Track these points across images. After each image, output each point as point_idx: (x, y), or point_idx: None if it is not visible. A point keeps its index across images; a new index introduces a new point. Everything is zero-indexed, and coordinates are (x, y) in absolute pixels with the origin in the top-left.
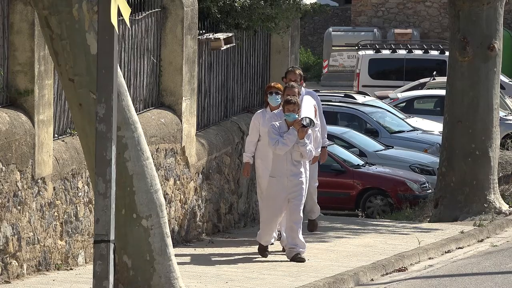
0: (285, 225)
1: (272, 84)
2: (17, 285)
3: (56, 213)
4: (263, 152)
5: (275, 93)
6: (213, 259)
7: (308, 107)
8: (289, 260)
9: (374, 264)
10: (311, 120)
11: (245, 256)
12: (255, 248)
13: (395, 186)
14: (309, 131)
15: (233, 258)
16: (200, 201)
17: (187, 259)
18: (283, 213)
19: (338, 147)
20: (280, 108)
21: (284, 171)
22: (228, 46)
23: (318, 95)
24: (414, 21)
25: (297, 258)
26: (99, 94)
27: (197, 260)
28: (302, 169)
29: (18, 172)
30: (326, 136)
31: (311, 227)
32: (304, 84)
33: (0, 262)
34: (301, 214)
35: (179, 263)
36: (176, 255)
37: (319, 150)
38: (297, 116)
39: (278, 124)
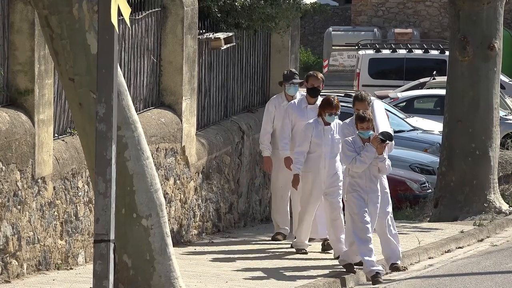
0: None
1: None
2: (17, 285)
3: (56, 213)
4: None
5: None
6: (213, 258)
7: (383, 118)
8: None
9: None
10: (389, 134)
11: (245, 255)
12: (256, 247)
13: (395, 185)
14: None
15: (233, 257)
16: (200, 200)
17: (187, 258)
18: (370, 228)
19: None
20: (351, 118)
21: (363, 187)
22: (228, 45)
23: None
24: (414, 21)
25: (395, 268)
26: (99, 94)
27: (197, 259)
28: (378, 184)
29: (18, 172)
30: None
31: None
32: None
33: (0, 261)
34: (392, 225)
35: (179, 263)
36: (176, 255)
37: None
38: (372, 133)
39: (351, 139)
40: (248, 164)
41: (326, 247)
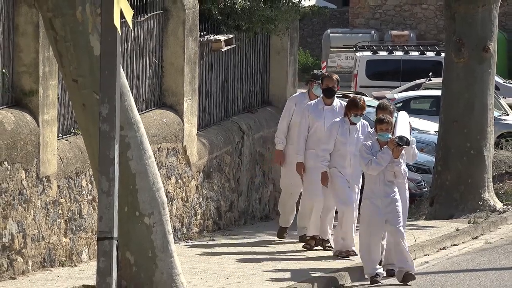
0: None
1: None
2: (23, 281)
3: (60, 211)
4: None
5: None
6: (213, 255)
7: (404, 124)
8: (399, 281)
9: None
10: (406, 139)
11: (245, 252)
12: (254, 245)
13: None
14: (404, 150)
15: (233, 254)
16: (201, 199)
17: (189, 255)
18: (381, 235)
19: None
20: (372, 129)
21: (377, 192)
22: (229, 47)
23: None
24: (410, 23)
25: (407, 276)
26: (102, 95)
27: (198, 256)
28: (395, 189)
29: (23, 171)
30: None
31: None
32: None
33: (6, 258)
34: (403, 232)
35: (180, 260)
36: (177, 252)
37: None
38: (390, 136)
39: (370, 143)
40: (248, 164)
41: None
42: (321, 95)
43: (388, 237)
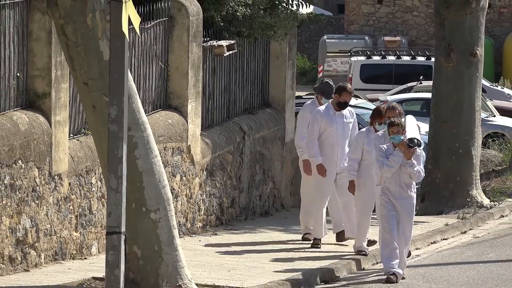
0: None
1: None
2: (36, 273)
3: (71, 207)
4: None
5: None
6: (216, 249)
7: (413, 126)
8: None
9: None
10: (417, 140)
11: (246, 246)
12: (256, 238)
13: None
14: (418, 151)
15: (235, 248)
16: (204, 195)
17: (193, 249)
18: (396, 233)
19: None
20: (384, 130)
21: (393, 193)
22: (231, 52)
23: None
24: (402, 30)
25: (389, 278)
26: (111, 97)
27: (201, 250)
28: (411, 192)
29: (36, 169)
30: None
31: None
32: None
33: (20, 252)
34: (409, 239)
35: (185, 253)
36: (182, 246)
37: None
38: (402, 138)
39: (386, 147)
40: (248, 162)
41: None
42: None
43: None
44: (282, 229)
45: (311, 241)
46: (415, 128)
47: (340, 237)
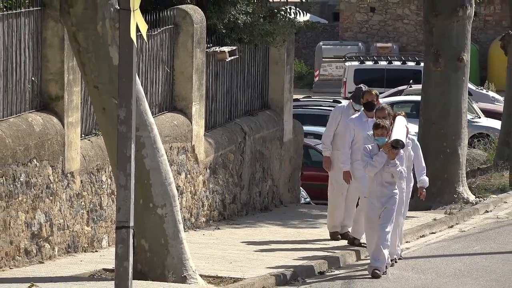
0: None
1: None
2: (50, 265)
3: (83, 203)
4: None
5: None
6: (219, 242)
7: (400, 128)
8: (369, 275)
9: (359, 247)
10: (402, 142)
11: (247, 240)
12: (256, 232)
13: None
14: (401, 152)
15: (236, 241)
16: (207, 192)
17: (197, 242)
18: (377, 231)
19: None
20: (370, 132)
21: (374, 192)
22: (232, 58)
23: (310, 101)
24: (393, 36)
25: (373, 272)
26: (120, 100)
27: (205, 243)
28: (394, 190)
29: (50, 167)
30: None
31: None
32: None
33: (35, 245)
34: (387, 234)
35: (189, 246)
36: (187, 239)
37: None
38: (386, 140)
39: (371, 147)
40: (249, 161)
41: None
42: (362, 108)
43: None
44: (280, 224)
45: (338, 239)
46: (403, 130)
47: (345, 237)
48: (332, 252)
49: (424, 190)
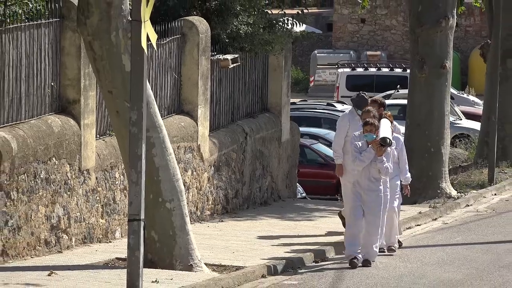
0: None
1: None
2: (67, 255)
3: (98, 197)
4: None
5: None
6: (222, 234)
7: (386, 127)
8: (360, 263)
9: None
10: (389, 139)
11: (248, 231)
12: (257, 224)
13: None
14: (388, 149)
15: (238, 233)
16: (212, 188)
17: (202, 234)
18: (361, 226)
19: (322, 145)
20: (360, 131)
21: (362, 185)
22: (235, 65)
23: (306, 104)
24: (382, 45)
25: (364, 262)
26: (132, 103)
27: (209, 234)
28: (380, 186)
29: (68, 165)
30: (407, 172)
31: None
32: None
33: (54, 236)
34: (377, 228)
35: (195, 237)
36: (193, 231)
37: (409, 176)
38: (375, 136)
39: (360, 144)
40: (250, 159)
41: None
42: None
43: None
44: (279, 217)
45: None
46: (389, 129)
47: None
48: (325, 243)
49: (409, 187)
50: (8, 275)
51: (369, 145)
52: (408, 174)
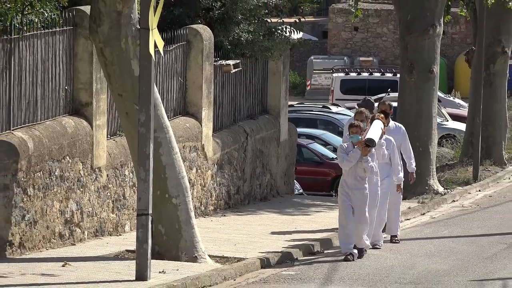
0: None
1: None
2: (80, 247)
3: (109, 194)
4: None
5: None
6: (225, 227)
7: (376, 129)
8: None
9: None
10: (374, 141)
11: (249, 225)
12: (257, 218)
13: None
14: (373, 150)
15: (240, 227)
16: (215, 184)
17: (206, 227)
18: (351, 220)
19: (318, 145)
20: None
21: (349, 184)
22: (236, 70)
23: (303, 106)
24: (374, 51)
25: (359, 251)
26: (140, 106)
27: (213, 228)
28: (365, 184)
29: (81, 163)
30: (412, 162)
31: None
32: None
33: (67, 229)
34: (365, 222)
35: (199, 231)
36: (197, 225)
37: (401, 176)
38: (360, 137)
39: (346, 145)
40: (251, 158)
41: None
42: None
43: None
44: (277, 211)
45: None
46: (378, 131)
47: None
48: (322, 236)
49: (402, 186)
50: (25, 266)
51: (355, 146)
52: (401, 174)
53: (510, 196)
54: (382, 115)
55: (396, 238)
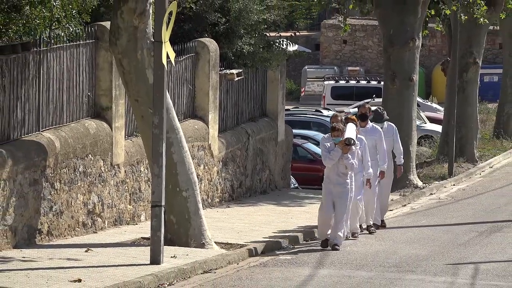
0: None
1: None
2: (101, 235)
3: (126, 187)
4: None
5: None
6: (229, 217)
7: (350, 130)
8: (330, 247)
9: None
10: (353, 140)
11: (250, 215)
12: (257, 209)
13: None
14: (353, 148)
15: (242, 217)
16: (220, 179)
17: (212, 217)
18: (331, 214)
19: (311, 144)
20: (328, 133)
21: (331, 180)
22: (239, 78)
23: (298, 110)
24: (361, 62)
25: (333, 247)
26: (154, 109)
27: (218, 218)
28: (347, 180)
29: (101, 161)
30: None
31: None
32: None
33: (90, 219)
34: (343, 216)
35: (206, 220)
36: (204, 215)
37: (385, 165)
38: (341, 139)
39: (329, 145)
40: (252, 156)
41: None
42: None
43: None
44: (275, 203)
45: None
46: (353, 132)
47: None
48: (314, 226)
49: (371, 181)
50: (53, 251)
51: (336, 146)
52: (370, 170)
53: (481, 190)
54: (353, 117)
55: (372, 228)
